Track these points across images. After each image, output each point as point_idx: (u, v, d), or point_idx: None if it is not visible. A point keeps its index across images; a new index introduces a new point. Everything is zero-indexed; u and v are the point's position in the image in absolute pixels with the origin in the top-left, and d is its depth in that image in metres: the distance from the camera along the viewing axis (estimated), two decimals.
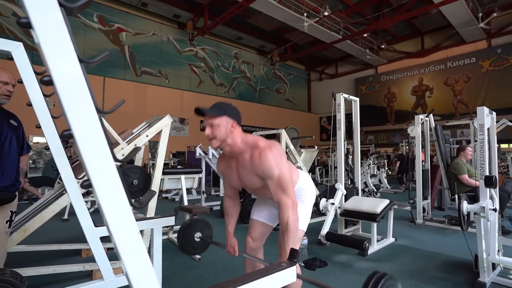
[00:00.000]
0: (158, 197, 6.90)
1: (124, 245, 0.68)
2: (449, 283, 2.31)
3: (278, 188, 1.34)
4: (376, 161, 9.07)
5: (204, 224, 2.09)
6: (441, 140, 4.41)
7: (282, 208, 1.33)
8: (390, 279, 0.88)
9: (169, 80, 13.05)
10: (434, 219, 4.36)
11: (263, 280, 0.90)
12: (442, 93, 14.78)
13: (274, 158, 1.31)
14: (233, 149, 1.39)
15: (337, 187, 3.34)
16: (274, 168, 1.31)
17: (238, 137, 1.38)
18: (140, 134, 2.80)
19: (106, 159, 0.63)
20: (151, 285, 0.70)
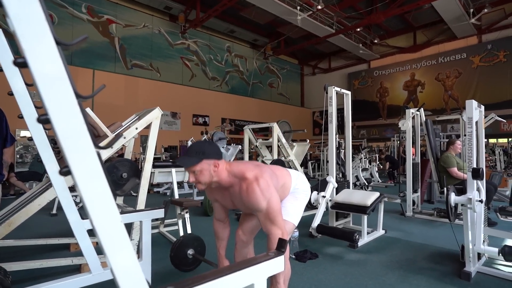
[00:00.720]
0: (149, 191, 6.85)
1: (106, 235, 0.66)
2: (436, 273, 2.36)
3: (266, 219, 1.35)
4: (368, 155, 9.15)
5: (197, 240, 2.09)
6: (431, 134, 4.47)
7: (271, 240, 1.34)
8: None
9: (161, 74, 12.88)
10: (424, 212, 4.43)
11: (250, 270, 0.90)
12: (434, 88, 14.97)
13: (262, 190, 1.32)
14: (222, 184, 1.41)
15: (328, 180, 3.36)
16: (261, 202, 1.32)
17: (223, 173, 1.38)
18: (129, 127, 2.76)
19: (86, 145, 0.62)
20: (136, 279, 0.68)
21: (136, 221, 2.18)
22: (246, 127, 4.89)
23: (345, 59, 17.77)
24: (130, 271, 0.68)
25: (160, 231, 3.57)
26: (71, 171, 0.63)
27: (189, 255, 1.92)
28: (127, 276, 0.67)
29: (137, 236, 2.58)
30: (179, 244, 1.90)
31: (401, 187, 5.11)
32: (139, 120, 2.75)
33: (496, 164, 8.01)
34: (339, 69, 18.36)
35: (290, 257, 2.68)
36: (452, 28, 12.88)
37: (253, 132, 4.98)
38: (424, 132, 4.52)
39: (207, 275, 0.85)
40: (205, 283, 0.82)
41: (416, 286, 2.14)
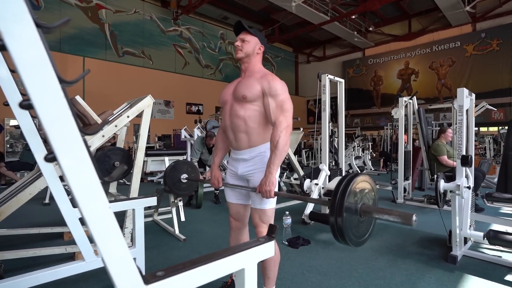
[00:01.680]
0: (143, 180, 6.84)
1: (95, 223, 0.66)
2: (424, 257, 2.43)
3: (278, 108, 1.43)
4: (361, 144, 9.23)
5: (190, 166, 2.09)
6: (424, 122, 4.51)
7: (277, 126, 1.41)
8: (361, 176, 0.88)
9: (153, 61, 12.66)
10: (414, 199, 4.52)
11: (240, 255, 0.91)
12: (427, 77, 15.01)
13: (284, 86, 1.45)
14: (250, 67, 1.52)
15: (321, 168, 3.40)
16: (282, 91, 1.43)
17: (258, 62, 1.54)
18: (121, 115, 2.73)
19: (71, 131, 0.61)
20: (127, 266, 0.69)
21: (129, 209, 2.18)
22: None
23: (340, 47, 17.65)
24: (121, 259, 0.68)
25: (154, 219, 3.59)
26: (56, 158, 0.62)
27: (182, 180, 1.94)
28: (118, 263, 0.68)
29: (131, 224, 2.59)
30: (171, 169, 1.91)
31: (393, 175, 5.18)
32: (131, 108, 2.72)
33: (485, 152, 8.16)
34: (333, 57, 18.26)
35: (283, 244, 2.73)
36: (447, 15, 12.83)
37: None
38: (417, 120, 4.56)
39: (198, 260, 0.86)
40: (196, 267, 0.83)
41: (404, 269, 2.21)
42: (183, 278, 0.79)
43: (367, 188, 0.90)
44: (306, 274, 2.16)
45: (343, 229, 0.78)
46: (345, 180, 0.86)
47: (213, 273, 0.86)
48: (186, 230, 3.18)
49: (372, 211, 0.84)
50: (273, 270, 1.57)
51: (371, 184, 0.94)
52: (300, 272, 2.18)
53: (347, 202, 0.80)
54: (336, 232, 0.79)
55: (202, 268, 0.83)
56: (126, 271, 0.69)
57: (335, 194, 0.82)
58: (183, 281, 0.79)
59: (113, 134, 2.73)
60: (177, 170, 1.96)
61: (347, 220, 0.79)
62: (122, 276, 0.68)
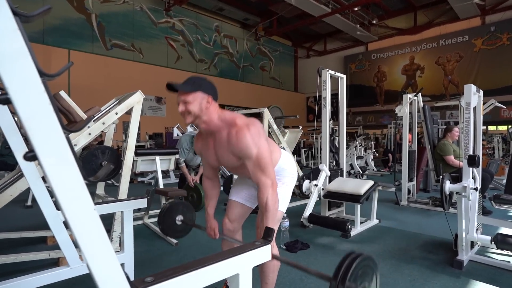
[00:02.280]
0: (133, 181, 6.82)
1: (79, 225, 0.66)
2: (428, 262, 2.44)
3: (256, 168, 1.36)
4: (364, 143, 9.27)
5: (186, 207, 2.09)
6: (429, 120, 4.54)
7: (261, 189, 1.36)
8: (366, 260, 0.91)
9: (144, 55, 12.61)
10: (419, 201, 4.55)
11: (234, 259, 0.91)
12: (433, 72, 15.11)
13: (252, 137, 1.32)
14: (209, 126, 1.40)
15: (321, 168, 3.40)
16: (252, 148, 1.33)
17: (214, 114, 1.39)
18: (109, 112, 2.72)
19: (52, 127, 0.60)
20: (114, 272, 0.68)
21: (117, 211, 2.17)
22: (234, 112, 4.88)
23: (342, 41, 17.69)
24: (107, 264, 0.68)
25: (145, 222, 3.57)
26: (37, 156, 0.62)
27: (177, 222, 1.94)
28: (104, 269, 0.67)
29: (119, 227, 2.58)
30: (166, 211, 1.91)
31: (397, 176, 5.21)
32: (119, 104, 2.71)
33: (494, 152, 8.23)
34: (335, 52, 18.30)
35: (281, 248, 2.74)
36: (455, 8, 12.89)
37: None
38: (422, 118, 4.59)
39: (189, 265, 0.86)
40: (187, 273, 0.83)
41: (408, 275, 2.22)
42: (174, 284, 0.79)
43: (369, 271, 0.94)
44: (304, 280, 2.16)
45: None
46: (349, 259, 0.90)
47: (206, 279, 0.86)
48: None
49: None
50: (271, 276, 1.58)
51: (374, 267, 0.98)
52: (298, 278, 2.19)
53: (348, 282, 0.84)
54: None
55: (193, 274, 0.83)
56: (112, 277, 0.69)
57: (336, 273, 0.87)
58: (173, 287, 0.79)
59: (101, 132, 2.72)
60: (172, 212, 1.98)
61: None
62: (108, 283, 0.68)
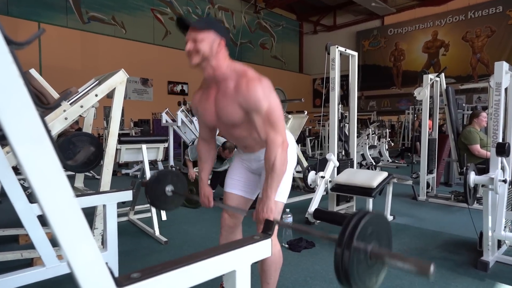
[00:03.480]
0: (117, 173, 6.84)
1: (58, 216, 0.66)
2: (449, 263, 2.48)
3: (266, 124, 1.38)
4: (377, 131, 9.27)
5: (176, 176, 2.10)
6: (453, 105, 4.53)
7: (270, 146, 1.38)
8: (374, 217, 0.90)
9: (127, 30, 12.46)
10: (439, 196, 4.58)
11: (230, 254, 0.92)
12: (459, 50, 14.95)
13: (264, 89, 1.35)
14: (216, 73, 1.42)
15: (328, 158, 3.42)
16: (263, 100, 1.35)
17: (224, 61, 1.42)
18: (87, 94, 2.71)
19: (23, 101, 0.60)
20: (98, 272, 0.69)
21: (98, 204, 2.19)
22: None
23: (354, 14, 17.47)
24: (91, 263, 0.68)
25: (130, 218, 3.60)
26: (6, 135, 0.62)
27: (167, 192, 1.96)
28: (87, 268, 0.68)
29: (102, 224, 2.60)
30: (154, 180, 1.93)
31: (414, 168, 5.23)
32: (99, 85, 2.70)
33: None
34: (346, 27, 18.11)
35: (283, 246, 2.77)
36: None
37: None
38: (444, 102, 4.57)
39: (180, 260, 0.87)
40: (178, 269, 0.84)
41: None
42: (162, 281, 0.80)
43: (380, 229, 0.94)
44: (309, 281, 2.19)
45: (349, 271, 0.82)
46: (356, 217, 0.90)
47: (198, 275, 0.87)
48: (168, 231, 3.20)
49: (384, 254, 0.87)
50: (273, 276, 1.61)
51: (385, 224, 0.98)
52: (302, 278, 2.22)
53: (357, 241, 0.84)
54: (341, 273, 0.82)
55: (185, 270, 0.84)
56: (95, 273, 0.70)
57: (343, 231, 0.86)
58: (162, 285, 0.80)
59: (78, 117, 2.72)
60: (161, 182, 1.98)
61: (354, 261, 0.83)
62: (91, 280, 0.69)
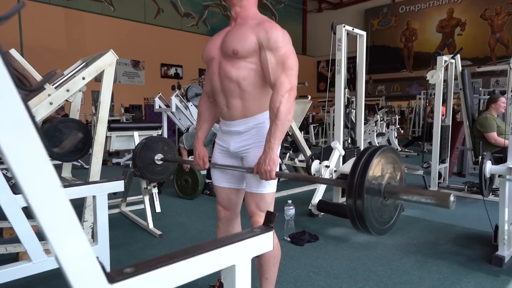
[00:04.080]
0: (107, 163, 6.85)
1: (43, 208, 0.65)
2: (461, 258, 2.50)
3: (279, 65, 1.41)
4: (386, 117, 9.26)
5: (165, 143, 2.11)
6: (469, 89, 4.50)
7: (277, 89, 1.40)
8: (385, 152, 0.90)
9: (115, 7, 12.31)
10: (452, 187, 4.60)
11: (229, 248, 0.93)
12: (477, 29, 14.78)
13: (286, 36, 1.43)
14: (242, 12, 1.50)
15: (333, 146, 3.41)
16: (283, 42, 1.41)
17: (253, 4, 1.52)
18: (74, 76, 2.69)
19: (3, 84, 0.59)
20: (88, 267, 0.69)
21: (88, 196, 2.20)
22: None
23: None
24: (80, 257, 0.68)
25: (122, 210, 3.63)
26: None
27: (156, 161, 1.97)
28: (77, 263, 0.68)
29: (91, 217, 2.62)
30: (142, 148, 1.94)
31: (425, 157, 5.24)
32: (87, 67, 2.68)
33: None
34: (353, 4, 17.90)
35: (285, 240, 2.80)
36: None
37: None
38: (460, 86, 4.55)
39: (177, 254, 0.87)
40: (174, 263, 0.84)
41: (436, 272, 2.28)
42: (158, 276, 0.81)
43: (392, 165, 0.92)
44: (312, 276, 2.22)
45: (364, 213, 0.80)
46: (367, 154, 0.87)
47: (195, 270, 0.87)
48: (162, 223, 3.23)
49: (399, 191, 0.86)
50: (272, 270, 1.62)
51: (398, 160, 0.96)
52: (305, 274, 2.24)
53: (369, 181, 0.81)
54: (355, 216, 0.81)
55: (181, 264, 0.84)
56: (86, 269, 0.70)
57: (353, 171, 0.84)
58: (157, 280, 0.81)
59: (65, 102, 2.71)
60: (150, 149, 1.96)
61: (369, 203, 0.81)
62: (80, 275, 0.69)
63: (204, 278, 0.89)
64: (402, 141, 9.78)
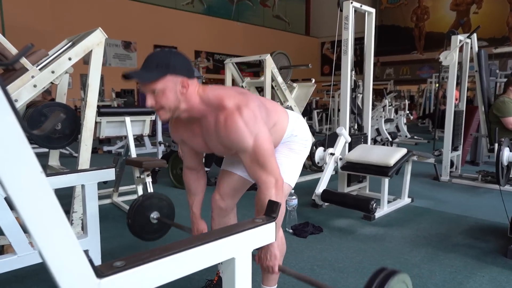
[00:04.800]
0: (98, 151, 6.83)
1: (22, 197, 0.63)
2: (475, 251, 2.50)
3: (254, 163, 1.34)
4: (394, 103, 9.21)
5: (163, 200, 2.10)
6: (485, 71, 4.45)
7: (262, 190, 1.35)
8: (400, 279, 0.93)
9: None
10: (464, 176, 4.59)
11: (228, 240, 0.91)
12: (494, 7, 14.59)
13: (246, 123, 1.29)
14: (192, 113, 1.38)
15: (339, 132, 3.39)
16: (247, 138, 1.30)
17: (194, 98, 1.34)
18: (59, 57, 2.65)
19: None
20: (73, 257, 0.67)
21: (76, 185, 2.18)
22: (229, 61, 4.77)
23: None
24: (66, 251, 0.66)
25: (114, 201, 3.63)
26: None
27: (152, 220, 1.97)
28: (62, 257, 0.66)
29: (81, 208, 2.61)
30: (138, 206, 1.94)
31: (437, 144, 5.22)
32: (73, 47, 2.64)
33: None
34: None
35: (287, 232, 2.79)
36: None
37: (238, 69, 4.87)
38: (475, 68, 4.49)
39: (171, 247, 0.86)
40: (168, 256, 0.83)
41: (447, 266, 2.28)
42: (151, 270, 0.79)
43: None
44: (316, 270, 2.22)
45: None
46: (379, 279, 0.89)
47: (192, 264, 0.85)
48: None
49: None
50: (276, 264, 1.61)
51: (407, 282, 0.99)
52: (309, 267, 2.24)
53: None
54: None
55: (176, 257, 0.83)
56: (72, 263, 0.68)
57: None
58: (150, 274, 0.79)
59: (50, 85, 2.67)
60: (146, 207, 1.97)
61: None
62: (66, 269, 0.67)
63: (201, 271, 0.88)
64: (411, 128, 9.75)
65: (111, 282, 0.72)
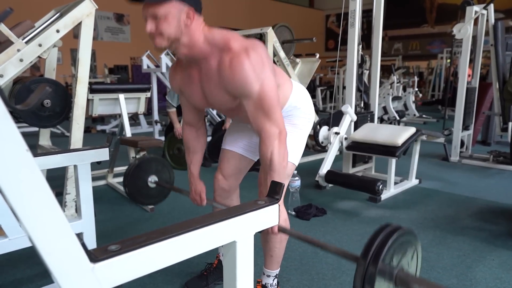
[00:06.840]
0: (91, 130, 6.82)
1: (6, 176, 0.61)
2: (484, 234, 2.52)
3: (258, 111, 1.31)
4: (403, 80, 9.13)
5: (161, 164, 2.10)
6: (501, 45, 4.38)
7: (264, 140, 1.32)
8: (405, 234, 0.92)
9: None
10: (475, 156, 4.59)
11: (230, 222, 0.90)
12: None
13: (253, 67, 1.25)
14: (193, 52, 1.33)
15: (344, 110, 3.37)
16: (253, 83, 1.26)
17: (198, 34, 1.30)
18: (47, 28, 2.60)
19: None
20: (64, 241, 0.66)
21: (69, 165, 2.18)
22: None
23: None
24: (56, 234, 0.65)
25: (109, 182, 3.65)
26: None
27: (150, 183, 1.98)
28: (52, 241, 0.65)
29: (74, 189, 2.61)
30: (134, 169, 1.94)
31: (447, 123, 5.20)
32: (61, 18, 2.59)
33: None
34: None
35: (290, 214, 2.81)
36: None
37: None
38: (491, 42, 4.42)
39: (169, 229, 0.85)
40: (165, 240, 0.82)
41: (456, 249, 2.29)
42: (147, 254, 0.78)
43: (409, 250, 0.94)
44: (320, 253, 2.23)
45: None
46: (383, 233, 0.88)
47: (191, 247, 0.85)
48: None
49: (411, 281, 0.88)
50: (278, 248, 1.62)
51: (416, 245, 0.97)
52: (311, 250, 2.26)
53: (382, 265, 0.83)
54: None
55: (174, 241, 0.82)
56: (63, 247, 0.67)
57: (366, 251, 0.86)
58: (146, 258, 0.78)
59: (37, 59, 2.63)
60: (143, 170, 1.95)
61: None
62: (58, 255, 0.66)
63: (201, 255, 0.87)
64: (420, 107, 9.69)
65: (105, 267, 0.71)
